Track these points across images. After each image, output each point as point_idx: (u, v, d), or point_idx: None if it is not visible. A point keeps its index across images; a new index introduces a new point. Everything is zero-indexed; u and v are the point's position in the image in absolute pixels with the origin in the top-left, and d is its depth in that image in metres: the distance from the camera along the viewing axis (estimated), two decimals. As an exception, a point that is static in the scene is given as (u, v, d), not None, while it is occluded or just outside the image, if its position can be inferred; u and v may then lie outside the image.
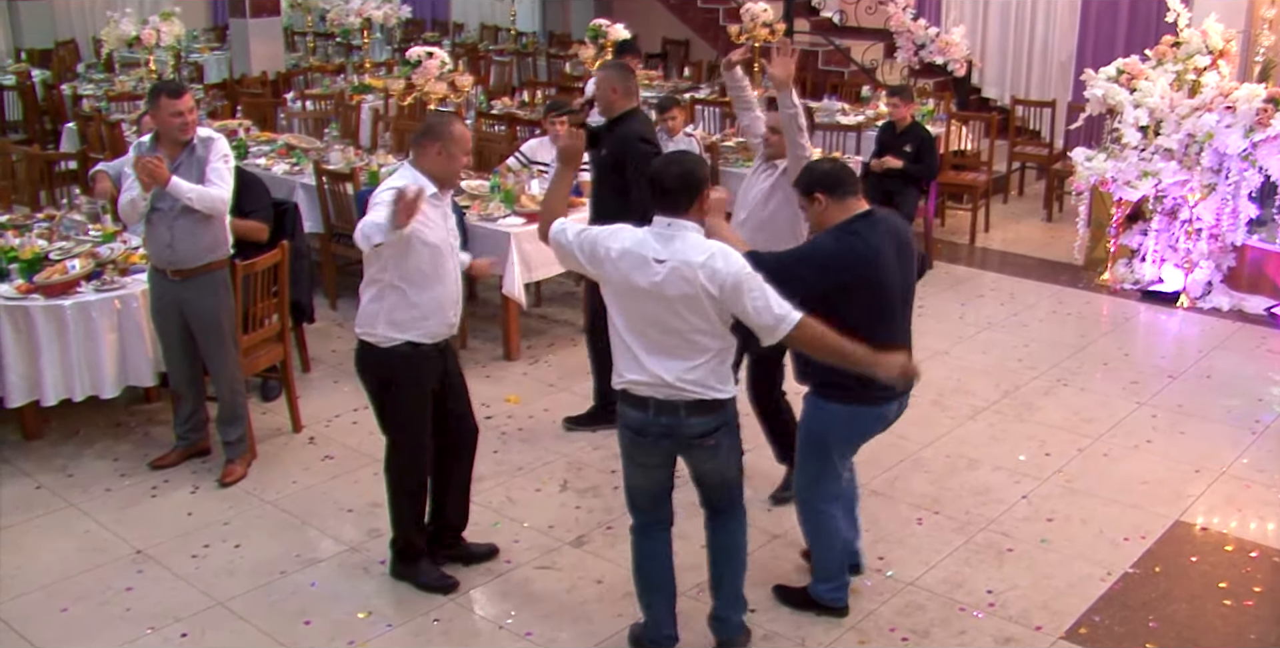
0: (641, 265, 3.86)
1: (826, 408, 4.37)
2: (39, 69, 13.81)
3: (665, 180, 3.91)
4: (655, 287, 3.84)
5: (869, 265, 4.15)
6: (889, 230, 4.27)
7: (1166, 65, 8.95)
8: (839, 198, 4.23)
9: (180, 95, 5.33)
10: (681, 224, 3.88)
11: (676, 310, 3.87)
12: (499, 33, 17.24)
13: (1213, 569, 5.01)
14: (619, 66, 6.16)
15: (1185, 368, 7.24)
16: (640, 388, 4.00)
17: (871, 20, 13.31)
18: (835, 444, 4.46)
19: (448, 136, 4.53)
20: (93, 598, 4.81)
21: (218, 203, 5.43)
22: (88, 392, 5.90)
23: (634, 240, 3.90)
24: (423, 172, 4.53)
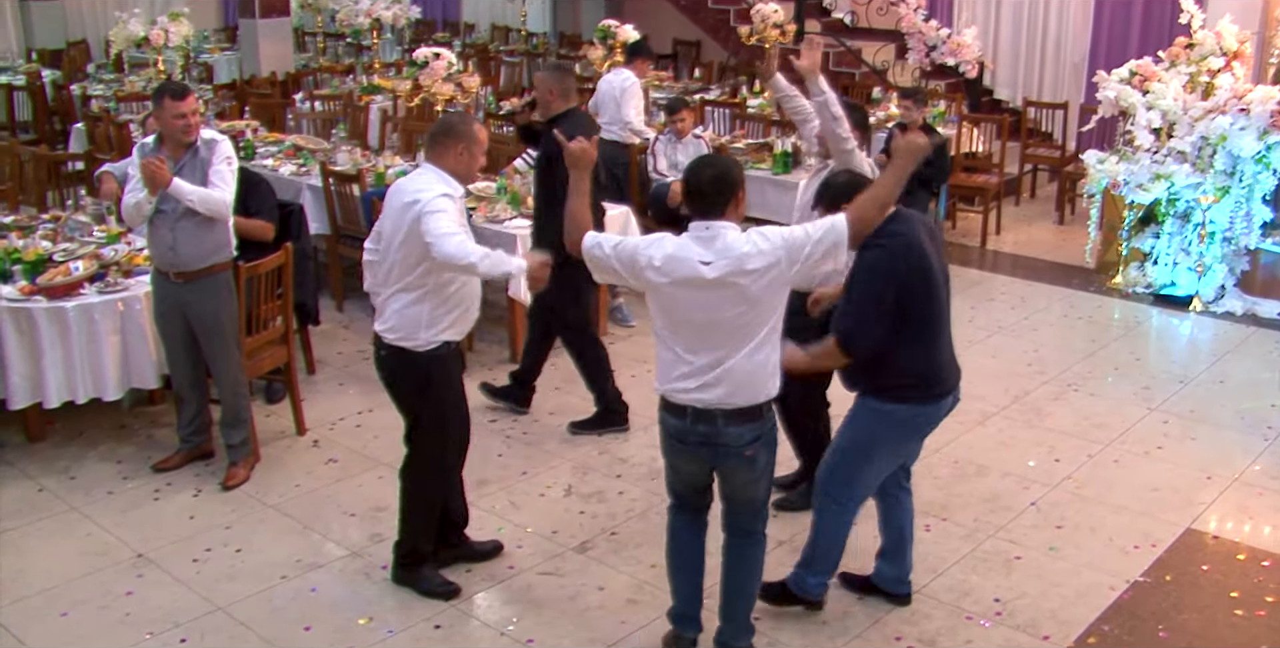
0: (690, 270, 3.80)
1: (884, 409, 4.29)
2: (50, 69, 13.81)
3: (700, 183, 3.88)
4: (707, 289, 3.80)
5: (920, 260, 4.13)
6: (919, 221, 4.27)
7: (1180, 67, 8.89)
8: None
9: (184, 97, 5.30)
10: (719, 225, 3.84)
11: (728, 308, 3.83)
12: (510, 33, 17.21)
13: (1224, 578, 4.94)
14: (556, 68, 6.43)
15: (1197, 373, 7.17)
16: (680, 395, 3.95)
17: (883, 21, 13.25)
18: (885, 447, 4.39)
19: (471, 136, 4.52)
20: (92, 602, 4.78)
21: (220, 206, 5.40)
22: (90, 394, 5.88)
23: (676, 246, 3.86)
24: (446, 171, 4.51)
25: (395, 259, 4.51)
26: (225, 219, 5.50)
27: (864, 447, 4.38)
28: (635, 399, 6.36)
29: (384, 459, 5.93)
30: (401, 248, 4.47)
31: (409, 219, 4.41)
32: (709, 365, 3.88)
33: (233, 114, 10.70)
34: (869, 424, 4.35)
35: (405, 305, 4.52)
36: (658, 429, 4.14)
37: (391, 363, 4.63)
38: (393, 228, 4.50)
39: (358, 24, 13.03)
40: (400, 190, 4.55)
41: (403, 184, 4.59)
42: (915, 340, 4.18)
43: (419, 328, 4.53)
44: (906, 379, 4.21)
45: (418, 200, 4.41)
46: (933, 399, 4.30)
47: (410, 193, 4.47)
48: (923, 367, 4.25)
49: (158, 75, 10.56)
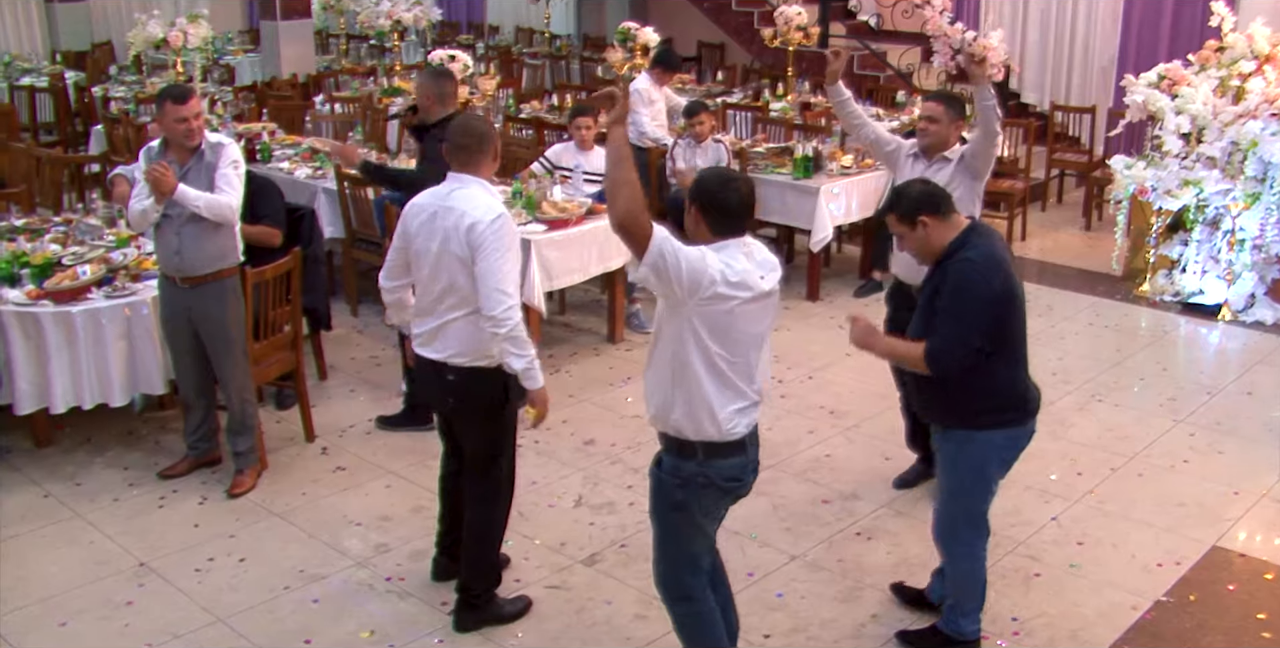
0: (756, 284, 3.62)
1: (982, 438, 4.13)
2: (73, 71, 13.83)
3: (730, 205, 3.63)
4: (763, 303, 3.67)
5: (1006, 279, 3.99)
6: (993, 234, 4.14)
7: (1210, 71, 8.70)
8: (944, 216, 4.04)
9: (184, 101, 5.22)
10: (748, 240, 3.71)
11: (768, 325, 3.75)
12: (534, 35, 17.14)
13: (1251, 598, 4.79)
14: (435, 73, 6.39)
15: (1225, 384, 7.00)
16: (733, 431, 3.69)
17: (908, 24, 13.07)
18: (990, 477, 4.23)
19: (495, 137, 4.45)
20: (92, 612, 4.71)
21: (226, 211, 5.32)
22: (97, 400, 5.81)
23: (742, 261, 3.61)
24: (485, 180, 4.38)
25: (451, 283, 4.29)
26: (232, 224, 5.43)
27: (973, 486, 4.23)
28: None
29: (392, 467, 5.84)
30: (459, 269, 4.26)
31: (470, 240, 4.20)
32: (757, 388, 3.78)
33: (251, 116, 10.65)
34: (971, 460, 4.18)
35: (460, 322, 4.32)
36: None
37: (464, 387, 4.40)
38: (441, 249, 4.26)
39: (379, 26, 12.95)
40: (447, 210, 4.27)
41: (444, 201, 4.30)
42: (1006, 362, 4.04)
43: (481, 345, 4.32)
44: (1000, 403, 4.06)
45: (477, 221, 4.19)
46: (1026, 420, 4.17)
47: (460, 211, 4.23)
48: (1014, 388, 4.11)
49: (177, 77, 10.50)
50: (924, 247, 4.09)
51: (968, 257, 3.96)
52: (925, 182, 4.27)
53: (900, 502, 5.58)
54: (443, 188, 4.37)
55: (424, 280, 4.38)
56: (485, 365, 4.35)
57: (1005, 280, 3.97)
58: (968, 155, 5.46)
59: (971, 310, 3.95)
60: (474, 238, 4.19)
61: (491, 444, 4.51)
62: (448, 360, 4.36)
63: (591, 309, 8.32)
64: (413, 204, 4.41)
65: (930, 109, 5.48)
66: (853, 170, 8.60)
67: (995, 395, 4.06)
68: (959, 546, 4.31)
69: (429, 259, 4.32)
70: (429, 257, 4.31)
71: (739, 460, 3.75)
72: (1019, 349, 4.10)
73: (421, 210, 4.36)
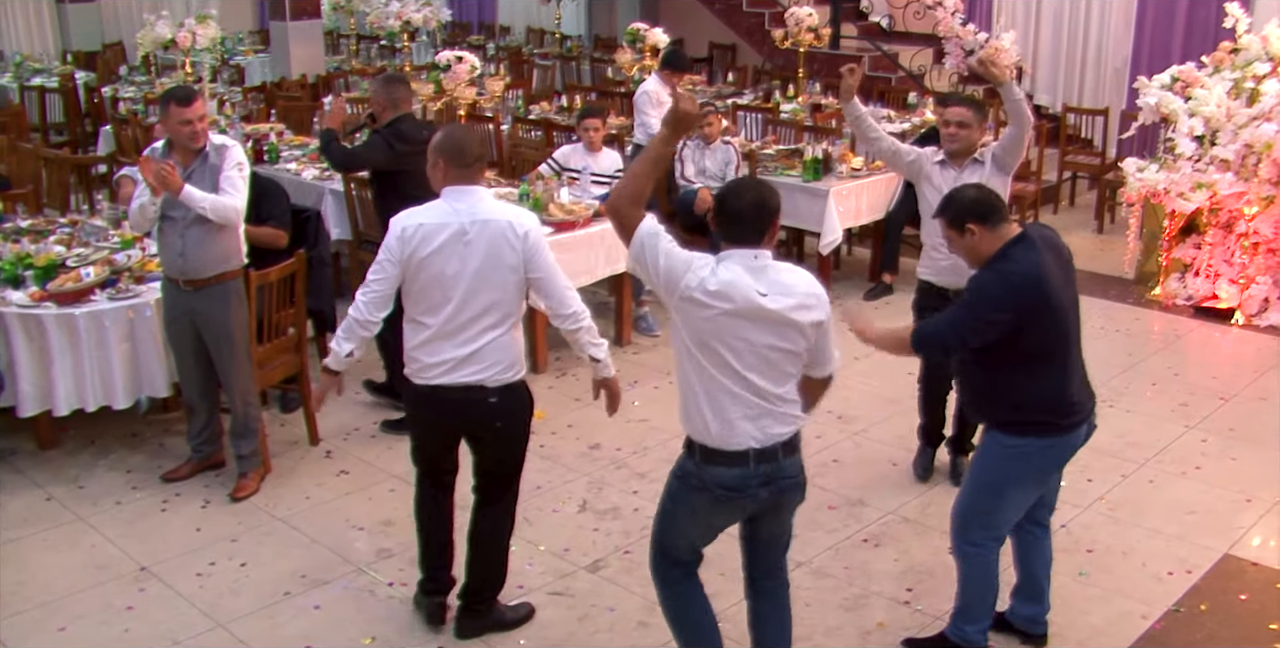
0: (747, 300, 3.52)
1: (1015, 444, 4.06)
2: (84, 71, 13.84)
3: (740, 207, 3.58)
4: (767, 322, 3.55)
5: (1037, 298, 3.89)
6: (1049, 247, 4.02)
7: (1224, 72, 8.62)
8: (993, 226, 3.98)
9: (189, 103, 5.19)
10: (765, 254, 3.60)
11: (774, 342, 3.59)
12: (545, 36, 17.11)
13: (1263, 608, 4.72)
14: (386, 79, 6.57)
15: (1239, 389, 6.93)
16: (737, 441, 3.64)
17: (920, 25, 13.03)
18: (1017, 483, 4.13)
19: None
20: (92, 617, 4.68)
21: (231, 212, 5.30)
22: (100, 402, 5.78)
23: (732, 272, 3.53)
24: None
25: (495, 300, 4.14)
26: (236, 226, 5.41)
27: (995, 485, 4.15)
28: (661, 412, 6.21)
29: (395, 471, 5.80)
30: (511, 281, 4.15)
31: (527, 248, 4.12)
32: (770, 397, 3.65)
33: (260, 117, 10.63)
34: (998, 462, 4.12)
35: (502, 337, 4.19)
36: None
37: (508, 405, 4.26)
38: (486, 265, 4.08)
39: (389, 26, 12.93)
40: (483, 223, 4.09)
41: (472, 216, 4.10)
42: (1036, 372, 3.97)
43: (519, 355, 4.27)
44: (1032, 412, 3.99)
45: (530, 228, 4.15)
46: (1063, 430, 4.06)
47: (504, 221, 4.11)
48: (1048, 397, 4.01)
49: (186, 78, 10.50)
50: (971, 253, 4.05)
51: (1006, 267, 3.92)
52: (979, 188, 4.20)
53: (908, 508, 5.53)
54: (458, 203, 4.13)
55: (452, 303, 4.12)
56: (520, 378, 4.28)
57: (1033, 298, 3.88)
58: (999, 152, 5.47)
59: (979, 313, 3.92)
60: (529, 245, 4.13)
61: (521, 457, 4.45)
62: (486, 382, 4.18)
63: (599, 312, 8.25)
64: (417, 225, 4.12)
65: (960, 115, 5.44)
66: (863, 173, 8.53)
67: (1022, 404, 4.00)
68: (968, 545, 4.25)
69: (463, 280, 4.09)
70: (464, 278, 4.09)
71: (739, 472, 3.66)
72: (1051, 361, 3.98)
73: (439, 230, 4.10)
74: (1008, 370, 3.98)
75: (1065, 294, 4.00)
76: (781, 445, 3.70)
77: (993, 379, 4.03)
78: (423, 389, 4.24)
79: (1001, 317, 3.88)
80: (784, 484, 3.76)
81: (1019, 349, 3.92)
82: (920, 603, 4.75)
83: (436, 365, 4.17)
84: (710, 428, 3.64)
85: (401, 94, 6.33)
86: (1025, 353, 3.93)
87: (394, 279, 4.18)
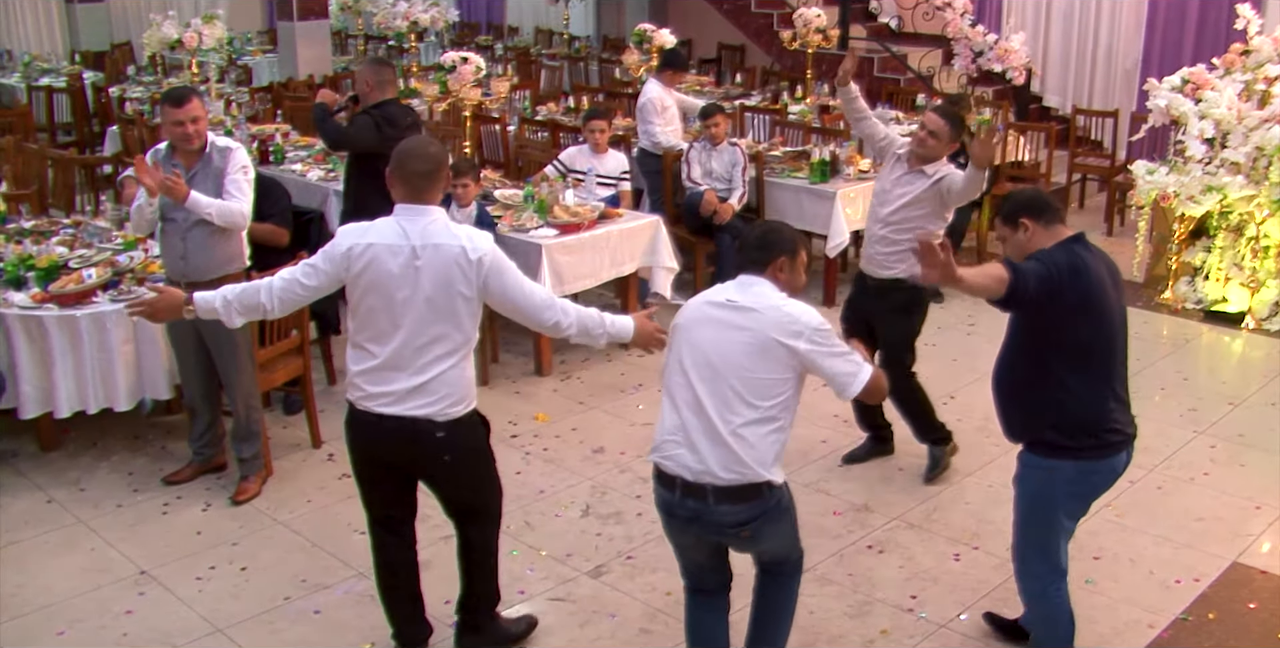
0: (710, 298, 3.74)
1: (1048, 466, 3.95)
2: (92, 71, 13.84)
3: (748, 237, 3.81)
4: (724, 322, 3.67)
5: (1090, 283, 3.78)
6: (1103, 257, 3.93)
7: (1235, 75, 8.57)
8: (1047, 224, 3.89)
9: (181, 104, 5.16)
10: (759, 280, 3.72)
11: (740, 359, 3.61)
12: (553, 37, 17.08)
13: (1272, 617, 4.66)
14: (375, 62, 6.83)
15: (1248, 394, 6.87)
16: (669, 464, 3.66)
17: (929, 26, 12.97)
18: (1062, 508, 4.03)
19: (447, 163, 4.09)
20: (91, 621, 4.65)
21: (238, 217, 5.28)
22: (102, 404, 5.76)
23: (711, 290, 3.81)
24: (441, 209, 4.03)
25: (445, 331, 3.87)
26: (242, 229, 5.38)
27: (1042, 512, 4.03)
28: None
29: (398, 475, 5.76)
30: (463, 309, 3.88)
31: (484, 274, 3.84)
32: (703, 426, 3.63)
33: (267, 117, 10.61)
34: (1040, 488, 4.00)
35: (451, 370, 3.91)
36: None
37: (456, 439, 3.98)
38: (437, 293, 3.82)
39: (396, 27, 12.91)
40: (434, 247, 3.83)
41: (422, 238, 3.84)
42: (1082, 375, 3.83)
43: (469, 385, 3.99)
44: (1073, 424, 3.85)
45: (484, 253, 3.84)
46: (1104, 452, 3.92)
47: (455, 246, 3.83)
48: (1091, 410, 3.87)
49: (193, 78, 10.49)
50: (1022, 250, 3.91)
51: (1048, 256, 3.79)
52: (1038, 191, 4.16)
53: (914, 514, 5.48)
54: (409, 225, 3.86)
55: (401, 332, 3.86)
56: (469, 411, 4.01)
57: (1076, 283, 3.76)
58: (946, 188, 5.43)
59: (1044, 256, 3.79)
60: (485, 270, 3.84)
61: (484, 490, 4.22)
62: (434, 416, 3.90)
63: (605, 314, 8.24)
64: (367, 245, 3.86)
65: (934, 123, 5.40)
66: (870, 175, 8.48)
67: (1067, 413, 3.85)
68: (1031, 580, 4.12)
69: (413, 308, 3.84)
70: (413, 305, 3.84)
71: (668, 496, 3.71)
72: (1100, 368, 3.86)
73: (389, 253, 3.83)
74: (1051, 381, 3.84)
75: (1111, 298, 3.88)
76: (714, 489, 3.60)
77: (1034, 392, 3.90)
78: (364, 416, 3.97)
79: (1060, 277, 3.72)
80: (714, 530, 3.69)
81: (1061, 349, 3.80)
82: (925, 610, 4.70)
83: (381, 396, 3.91)
84: (656, 444, 3.73)
85: (388, 77, 6.49)
86: (1067, 354, 3.81)
87: (321, 290, 4.00)
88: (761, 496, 3.64)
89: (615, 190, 7.93)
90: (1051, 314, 3.80)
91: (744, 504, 3.62)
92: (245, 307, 3.99)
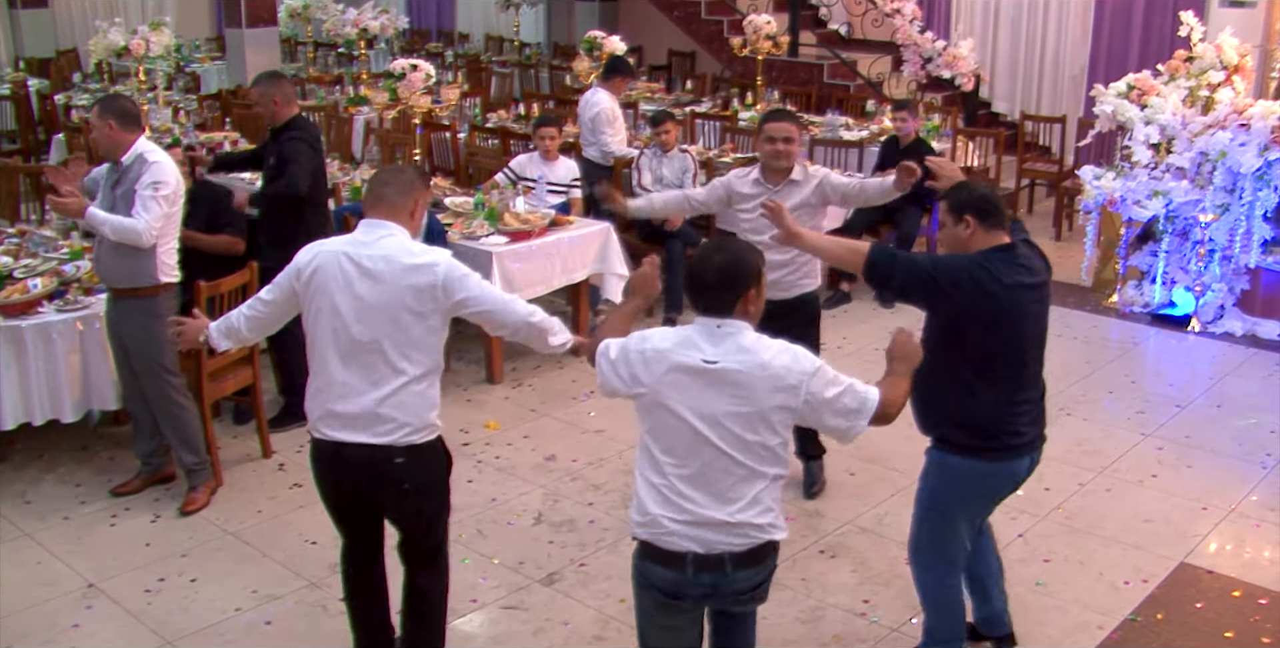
0: (684, 358, 3.22)
1: (947, 462, 4.00)
2: (37, 78, 13.66)
3: (704, 272, 3.23)
4: (703, 381, 3.19)
5: (996, 298, 3.77)
6: (1030, 265, 3.90)
7: (1179, 81, 8.68)
8: (989, 227, 3.86)
9: (97, 112, 5.16)
10: (734, 323, 3.23)
11: (730, 425, 3.20)
12: (504, 44, 17.05)
13: (1219, 617, 4.72)
14: (272, 75, 6.26)
15: (1194, 397, 6.96)
16: (673, 540, 3.26)
17: (878, 33, 13.07)
18: (959, 506, 4.06)
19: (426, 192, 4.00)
20: (36, 636, 4.58)
21: (132, 235, 5.10)
22: (48, 416, 5.67)
23: (674, 340, 3.26)
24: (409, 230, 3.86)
25: (407, 350, 3.73)
26: (141, 248, 5.17)
27: (940, 506, 4.08)
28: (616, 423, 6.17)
29: (350, 484, 5.72)
30: (419, 325, 3.72)
31: (445, 292, 3.70)
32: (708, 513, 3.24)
33: (215, 125, 10.52)
34: (939, 482, 4.06)
35: (417, 393, 3.76)
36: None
37: (414, 466, 3.81)
38: (394, 310, 3.68)
39: (345, 34, 12.84)
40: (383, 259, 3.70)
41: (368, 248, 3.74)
42: (982, 386, 3.86)
43: (429, 410, 3.81)
44: (974, 426, 3.90)
45: (435, 264, 3.69)
46: (1002, 455, 3.94)
47: (407, 264, 3.69)
48: (991, 416, 3.89)
49: (140, 85, 10.38)
50: (956, 245, 3.89)
51: (974, 260, 3.81)
52: (992, 191, 4.03)
53: (865, 518, 5.50)
54: (366, 237, 3.77)
55: (358, 355, 3.73)
56: (430, 440, 3.84)
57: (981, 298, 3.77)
58: (831, 190, 5.30)
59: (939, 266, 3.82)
60: (441, 288, 3.69)
61: (437, 523, 4.04)
62: (394, 444, 3.75)
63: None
64: (314, 252, 3.79)
65: (786, 130, 5.24)
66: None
67: (969, 414, 3.90)
68: (923, 570, 4.20)
69: (368, 329, 3.70)
70: (369, 326, 3.70)
71: (675, 576, 3.29)
72: (1008, 374, 3.89)
73: (343, 269, 3.73)
74: (956, 382, 3.89)
75: (1029, 311, 3.90)
76: (731, 556, 3.26)
77: (941, 389, 3.93)
78: (322, 444, 3.86)
79: (949, 287, 3.76)
80: (728, 601, 3.40)
81: (967, 354, 3.84)
82: (877, 614, 4.72)
83: (335, 417, 3.78)
84: (636, 516, 3.33)
85: (289, 89, 6.17)
86: (973, 359, 3.84)
87: (279, 304, 3.91)
88: (774, 550, 3.39)
89: (566, 198, 7.92)
90: (952, 319, 3.85)
91: (759, 566, 3.34)
92: (223, 331, 4.07)
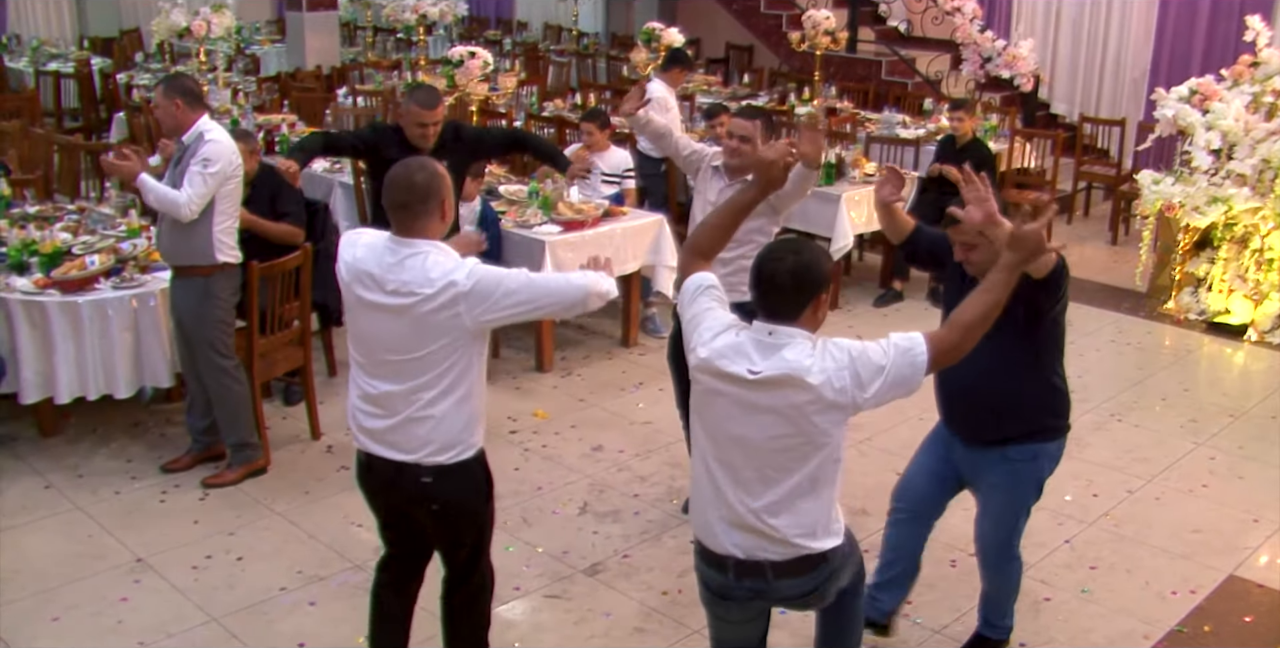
0: (730, 367, 3.09)
1: (1044, 451, 4.07)
2: (100, 57, 13.83)
3: (776, 273, 3.06)
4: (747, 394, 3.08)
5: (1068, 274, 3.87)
6: None
7: (1243, 86, 8.55)
8: None
9: (156, 89, 5.31)
10: (787, 332, 3.07)
11: (775, 436, 3.09)
12: (562, 33, 17.08)
13: (1268, 631, 4.66)
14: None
15: (1249, 407, 6.87)
16: (716, 541, 3.21)
17: (938, 31, 12.96)
18: (1036, 491, 4.17)
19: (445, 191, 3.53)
20: (86, 608, 4.65)
21: (172, 207, 5.16)
22: (102, 390, 5.75)
23: (733, 343, 3.11)
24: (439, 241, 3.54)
25: (435, 365, 3.46)
26: (183, 221, 5.20)
27: (1031, 501, 4.18)
28: (665, 415, 6.17)
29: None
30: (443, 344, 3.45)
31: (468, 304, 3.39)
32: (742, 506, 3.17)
33: (273, 107, 10.60)
34: (1039, 473, 4.10)
35: (451, 409, 3.51)
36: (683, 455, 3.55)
37: (444, 487, 3.59)
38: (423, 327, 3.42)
39: (405, 19, 12.89)
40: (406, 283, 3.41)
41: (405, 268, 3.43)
42: (1056, 360, 4.04)
43: (460, 429, 3.56)
44: (1060, 405, 4.09)
45: (453, 282, 3.37)
46: (1066, 431, 4.16)
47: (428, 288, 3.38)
48: (1065, 389, 4.10)
49: (200, 66, 10.48)
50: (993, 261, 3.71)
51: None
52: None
53: (911, 519, 5.46)
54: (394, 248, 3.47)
55: (384, 366, 3.53)
56: (469, 458, 3.61)
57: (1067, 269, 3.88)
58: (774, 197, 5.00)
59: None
60: (470, 300, 3.39)
61: (474, 543, 3.83)
62: (422, 462, 3.54)
63: (606, 311, 8.18)
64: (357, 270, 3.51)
65: (744, 128, 5.01)
66: (875, 178, 8.47)
67: (1058, 394, 4.06)
68: (1012, 561, 4.29)
69: (395, 342, 3.48)
70: (397, 340, 3.47)
71: (719, 578, 3.27)
72: (1062, 348, 4.07)
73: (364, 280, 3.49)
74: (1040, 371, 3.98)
75: None
76: (771, 565, 3.19)
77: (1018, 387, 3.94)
78: (359, 453, 3.70)
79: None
80: (785, 604, 3.38)
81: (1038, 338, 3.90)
82: (920, 616, 4.70)
83: (364, 430, 3.62)
84: (694, 515, 3.31)
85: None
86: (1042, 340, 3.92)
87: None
88: (826, 560, 3.25)
89: (619, 188, 7.92)
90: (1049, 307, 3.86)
91: (807, 576, 3.24)
92: None
